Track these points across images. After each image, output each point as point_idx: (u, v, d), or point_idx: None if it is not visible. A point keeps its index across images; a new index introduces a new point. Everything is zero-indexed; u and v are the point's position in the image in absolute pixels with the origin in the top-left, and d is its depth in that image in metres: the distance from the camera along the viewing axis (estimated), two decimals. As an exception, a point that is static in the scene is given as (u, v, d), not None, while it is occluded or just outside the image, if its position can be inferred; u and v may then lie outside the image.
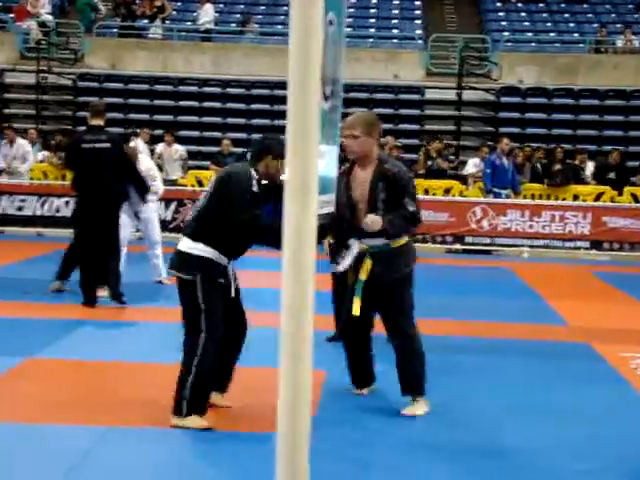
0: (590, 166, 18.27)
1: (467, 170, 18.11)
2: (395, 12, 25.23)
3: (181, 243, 5.85)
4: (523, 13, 25.61)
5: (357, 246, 6.19)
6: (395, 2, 25.43)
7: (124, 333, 8.69)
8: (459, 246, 16.44)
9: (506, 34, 23.77)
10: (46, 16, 23.03)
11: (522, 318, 10.13)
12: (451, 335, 8.93)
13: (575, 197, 17.28)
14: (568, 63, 22.01)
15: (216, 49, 22.38)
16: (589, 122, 21.15)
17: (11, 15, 22.98)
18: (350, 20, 23.17)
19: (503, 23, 25.12)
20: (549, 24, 25.18)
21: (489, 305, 10.85)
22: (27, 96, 21.55)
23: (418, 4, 25.55)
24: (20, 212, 16.23)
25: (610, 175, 17.84)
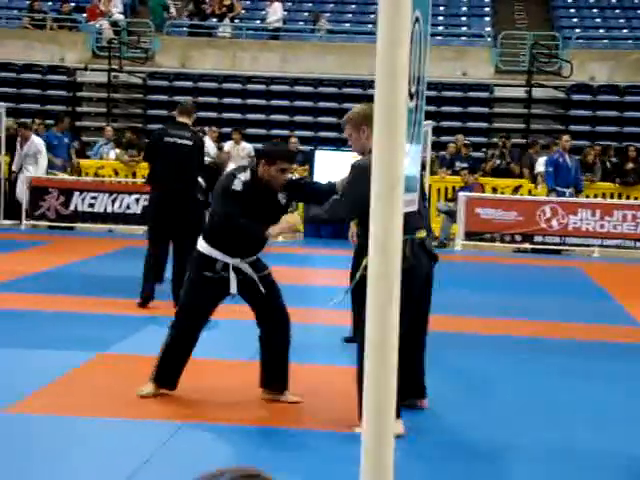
0: (663, 165, 17.94)
1: (537, 169, 17.89)
2: (464, 9, 25.05)
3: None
4: (594, 9, 25.22)
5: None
6: (464, -1, 25.28)
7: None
8: (528, 245, 16.26)
9: (577, 31, 23.43)
10: (118, 15, 23.36)
11: (593, 318, 10.04)
12: (535, 336, 8.90)
13: (648, 196, 17.01)
14: (641, 60, 21.63)
15: (284, 47, 22.44)
16: (662, 120, 20.78)
17: (84, 15, 23.35)
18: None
19: (574, 20, 24.75)
20: (621, 20, 24.76)
21: (560, 305, 10.77)
22: (98, 94, 21.88)
23: (487, 1, 25.33)
24: (91, 209, 16.45)
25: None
